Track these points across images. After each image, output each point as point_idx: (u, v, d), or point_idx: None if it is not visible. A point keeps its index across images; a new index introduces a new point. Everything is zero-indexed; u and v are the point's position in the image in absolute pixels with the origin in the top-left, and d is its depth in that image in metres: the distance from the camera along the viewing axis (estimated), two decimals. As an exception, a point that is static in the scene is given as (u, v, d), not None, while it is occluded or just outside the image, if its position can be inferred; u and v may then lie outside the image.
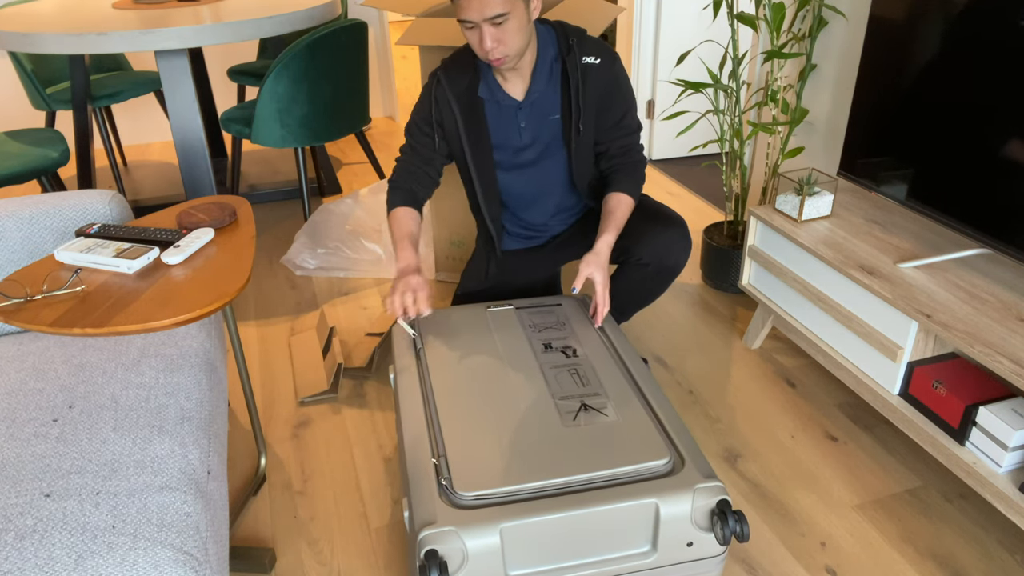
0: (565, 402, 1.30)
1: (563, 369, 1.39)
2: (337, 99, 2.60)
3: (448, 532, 1.05)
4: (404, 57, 5.69)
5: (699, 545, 1.14)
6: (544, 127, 1.62)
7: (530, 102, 1.59)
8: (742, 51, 3.02)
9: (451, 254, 2.39)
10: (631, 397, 1.31)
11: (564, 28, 1.58)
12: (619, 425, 1.24)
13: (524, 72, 1.56)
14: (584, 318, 1.56)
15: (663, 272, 1.67)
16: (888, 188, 1.67)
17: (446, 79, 1.59)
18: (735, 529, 1.10)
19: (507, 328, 1.52)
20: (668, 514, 1.11)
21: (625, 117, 1.63)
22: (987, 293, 1.47)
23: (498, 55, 1.43)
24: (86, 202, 1.47)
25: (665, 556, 1.14)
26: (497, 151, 1.64)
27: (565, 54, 1.56)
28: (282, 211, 3.07)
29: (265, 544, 1.49)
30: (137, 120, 3.90)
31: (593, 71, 1.57)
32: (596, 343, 1.47)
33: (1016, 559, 1.41)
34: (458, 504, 1.10)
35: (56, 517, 0.96)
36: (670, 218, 1.67)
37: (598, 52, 1.58)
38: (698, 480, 1.13)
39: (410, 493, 1.14)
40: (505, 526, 1.06)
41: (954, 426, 1.41)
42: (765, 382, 1.92)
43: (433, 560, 1.02)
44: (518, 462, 1.17)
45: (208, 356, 1.36)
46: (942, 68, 1.48)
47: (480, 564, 1.06)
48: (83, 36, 2.08)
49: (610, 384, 1.35)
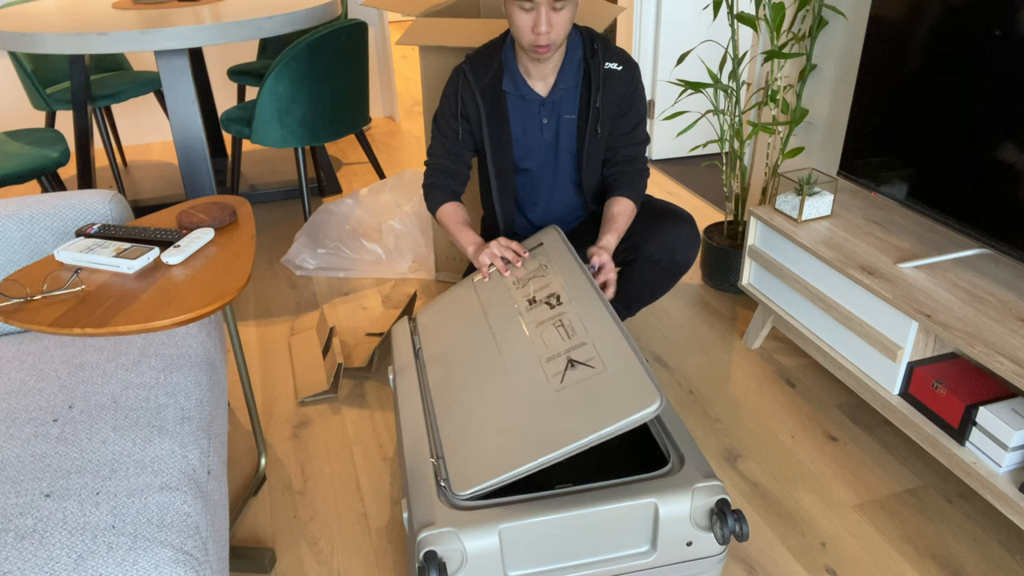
0: (552, 363, 1.26)
1: (548, 323, 1.35)
2: (337, 99, 2.60)
3: (447, 533, 1.05)
4: (404, 57, 5.68)
5: (698, 544, 1.14)
6: (563, 125, 1.63)
7: (553, 100, 1.60)
8: (742, 51, 3.02)
9: (451, 254, 2.39)
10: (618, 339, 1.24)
11: (591, 32, 1.61)
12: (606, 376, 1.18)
13: (552, 68, 1.57)
14: (564, 250, 1.51)
15: (673, 268, 1.69)
16: (888, 188, 1.67)
17: (472, 73, 1.60)
18: (734, 528, 1.09)
19: (493, 297, 1.50)
20: (667, 514, 1.11)
21: (636, 128, 1.66)
22: (987, 293, 1.47)
23: (547, 41, 1.45)
24: (86, 202, 1.47)
25: (664, 556, 1.14)
26: (516, 147, 1.66)
27: (590, 57, 1.58)
28: (282, 211, 3.07)
29: (265, 544, 1.49)
30: (137, 120, 3.90)
31: (614, 77, 1.59)
32: (578, 279, 1.41)
33: (1016, 559, 1.41)
34: (457, 505, 1.09)
35: (56, 517, 0.96)
36: (679, 215, 1.68)
37: (621, 60, 1.60)
38: (697, 479, 1.13)
39: (409, 494, 1.14)
40: (504, 527, 1.06)
41: (954, 426, 1.41)
42: (765, 382, 1.92)
43: (432, 561, 1.02)
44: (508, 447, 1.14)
45: (208, 356, 1.36)
46: (942, 68, 1.48)
47: (479, 565, 1.06)
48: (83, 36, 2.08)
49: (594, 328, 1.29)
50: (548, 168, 1.68)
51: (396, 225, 2.56)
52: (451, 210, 1.65)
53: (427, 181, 1.68)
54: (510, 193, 1.70)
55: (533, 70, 1.57)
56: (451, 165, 1.66)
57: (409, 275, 2.49)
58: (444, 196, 1.66)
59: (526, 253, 1.54)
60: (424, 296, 2.36)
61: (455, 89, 1.62)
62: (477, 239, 1.59)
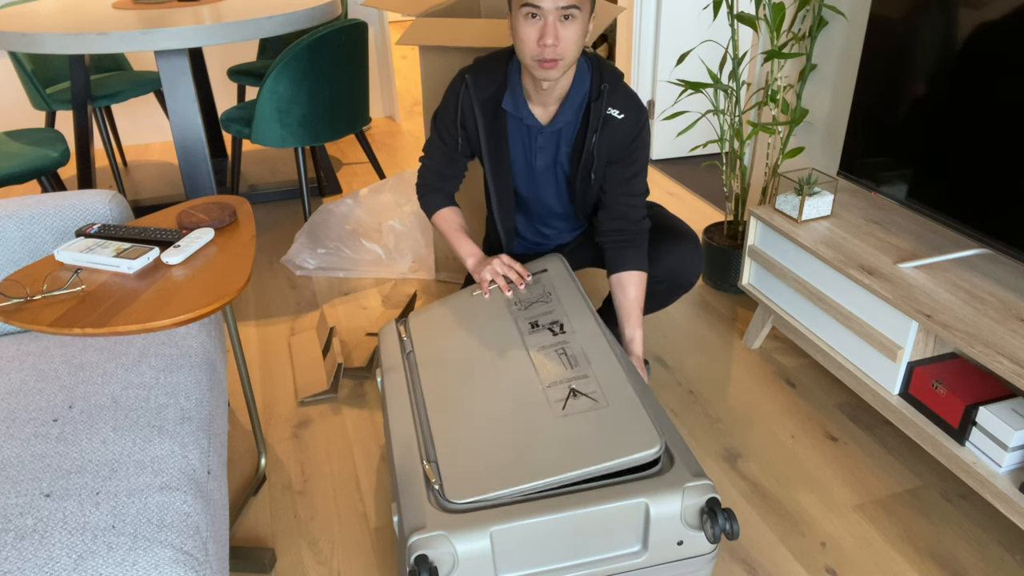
0: (554, 389, 1.28)
1: (551, 350, 1.36)
2: (337, 99, 2.60)
3: (438, 537, 1.04)
4: (404, 57, 5.68)
5: (689, 543, 1.14)
6: (560, 156, 1.59)
7: (551, 130, 1.54)
8: (742, 51, 3.02)
9: (451, 254, 2.39)
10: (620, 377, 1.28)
11: (601, 68, 1.52)
12: (608, 412, 1.21)
13: (556, 95, 1.50)
14: (569, 281, 1.51)
15: (676, 288, 1.69)
16: (888, 188, 1.67)
17: (473, 85, 1.54)
18: (724, 527, 1.09)
19: (493, 312, 1.49)
20: (658, 513, 1.11)
21: (635, 178, 1.57)
22: (987, 293, 1.47)
23: (552, 55, 1.36)
24: (86, 202, 1.47)
25: (655, 555, 1.14)
26: (514, 166, 1.63)
27: (593, 98, 1.51)
28: (282, 211, 3.07)
29: (265, 544, 1.49)
30: (137, 120, 3.90)
31: (613, 124, 1.52)
32: (582, 312, 1.43)
33: (1016, 559, 1.41)
34: (447, 508, 1.09)
35: (56, 517, 0.96)
36: (684, 233, 1.66)
37: (625, 106, 1.52)
38: (687, 479, 1.13)
39: (399, 498, 1.14)
40: (495, 529, 1.06)
41: (954, 426, 1.41)
42: (765, 382, 1.92)
43: (423, 565, 1.01)
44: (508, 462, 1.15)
45: (208, 356, 1.36)
46: (942, 68, 1.48)
47: (470, 568, 1.06)
48: (83, 36, 2.08)
49: (597, 363, 1.31)
50: (544, 191, 1.66)
51: (396, 225, 2.56)
52: (448, 216, 1.63)
53: (421, 181, 1.66)
54: (509, 208, 1.68)
55: (535, 95, 1.50)
56: (446, 169, 1.64)
57: (409, 275, 2.49)
58: (440, 200, 1.64)
59: (529, 277, 1.52)
60: (424, 296, 2.36)
61: (456, 97, 1.57)
62: (477, 251, 1.58)
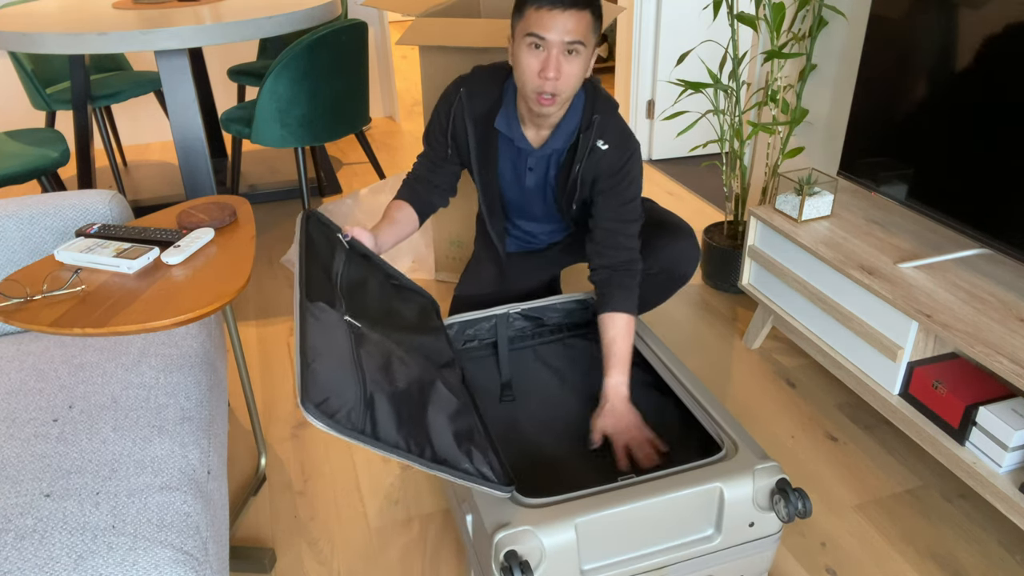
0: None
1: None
2: (337, 99, 2.60)
3: (524, 532, 1.06)
4: (404, 57, 5.68)
5: (759, 525, 1.18)
6: (548, 180, 1.59)
7: (542, 153, 1.54)
8: (742, 51, 3.02)
9: (451, 254, 2.39)
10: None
11: (595, 98, 1.50)
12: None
13: (550, 121, 1.49)
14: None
15: (672, 282, 1.69)
16: (888, 188, 1.67)
17: (467, 99, 1.53)
18: (797, 506, 1.12)
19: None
20: (732, 497, 1.14)
21: (624, 207, 1.51)
22: (987, 293, 1.47)
23: (552, 89, 1.34)
24: (86, 202, 1.47)
25: (728, 538, 1.17)
26: (503, 181, 1.64)
27: (583, 129, 1.49)
28: (282, 211, 3.07)
29: (265, 544, 1.49)
30: (137, 120, 3.90)
31: (598, 155, 1.49)
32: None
33: (1016, 559, 1.41)
34: (526, 504, 1.11)
35: (56, 517, 0.96)
36: (679, 227, 1.66)
37: (612, 138, 1.49)
38: (755, 462, 1.17)
39: (474, 497, 1.15)
40: (579, 521, 1.08)
41: (954, 426, 1.41)
42: (765, 382, 1.92)
43: (514, 560, 1.03)
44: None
45: (208, 356, 1.36)
46: (942, 68, 1.48)
47: (557, 560, 1.08)
48: (83, 36, 2.08)
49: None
50: (533, 207, 1.67)
51: (396, 225, 2.56)
52: (391, 206, 1.60)
53: (404, 180, 1.67)
54: (499, 216, 1.70)
55: (530, 119, 1.49)
56: (429, 176, 1.63)
57: (409, 275, 2.49)
58: (403, 192, 1.63)
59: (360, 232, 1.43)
60: (424, 296, 2.36)
61: (448, 108, 1.55)
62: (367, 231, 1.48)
